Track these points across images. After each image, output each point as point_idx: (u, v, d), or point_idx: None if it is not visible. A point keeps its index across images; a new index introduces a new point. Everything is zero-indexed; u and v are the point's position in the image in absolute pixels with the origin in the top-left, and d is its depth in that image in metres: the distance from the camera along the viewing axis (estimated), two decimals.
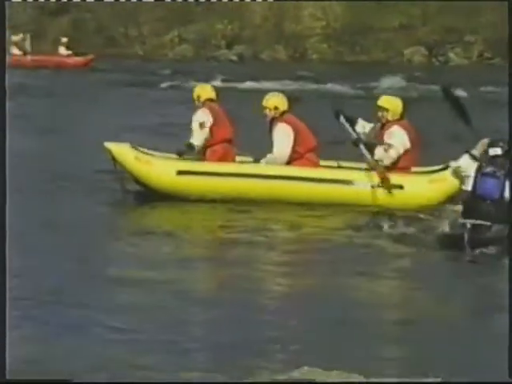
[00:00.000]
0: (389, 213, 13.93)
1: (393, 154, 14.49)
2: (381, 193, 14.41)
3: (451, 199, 14.01)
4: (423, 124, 20.95)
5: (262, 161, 15.47)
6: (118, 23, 53.69)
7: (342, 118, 15.03)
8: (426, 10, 48.41)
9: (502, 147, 12.21)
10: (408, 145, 14.60)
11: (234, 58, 51.27)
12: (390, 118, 14.65)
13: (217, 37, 53.15)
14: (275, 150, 15.16)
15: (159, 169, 15.46)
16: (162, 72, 42.05)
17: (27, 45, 46.79)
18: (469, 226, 11.60)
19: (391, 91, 26.97)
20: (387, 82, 36.44)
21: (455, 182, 14.03)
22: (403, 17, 48.87)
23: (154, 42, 51.82)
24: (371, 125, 15.12)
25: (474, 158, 12.51)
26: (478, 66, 45.17)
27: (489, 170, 12.11)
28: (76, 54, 46.50)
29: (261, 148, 16.82)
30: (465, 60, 47.26)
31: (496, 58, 45.24)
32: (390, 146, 14.51)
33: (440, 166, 14.64)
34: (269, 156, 15.21)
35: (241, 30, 53.12)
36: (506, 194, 11.81)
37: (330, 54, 49.16)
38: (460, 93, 27.11)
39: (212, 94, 15.90)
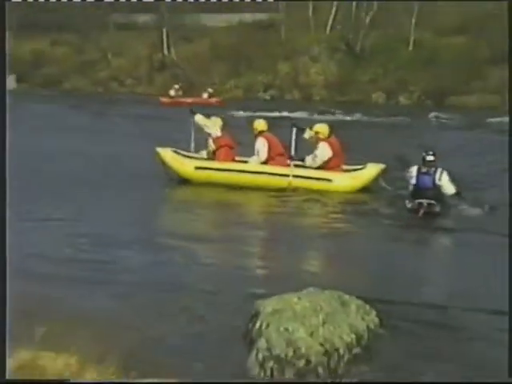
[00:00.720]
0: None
1: (318, 161, 17.39)
2: (318, 183, 17.16)
3: (365, 188, 17.26)
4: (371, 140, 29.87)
5: (249, 160, 18.30)
6: (199, 75, 65.46)
7: (293, 130, 17.71)
8: (386, 69, 58.58)
9: (433, 155, 15.27)
10: (330, 154, 17.29)
11: (268, 97, 60.78)
12: (321, 136, 17.39)
13: (257, 84, 62.87)
14: (257, 154, 18.08)
15: (184, 165, 18.56)
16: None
17: (180, 92, 54.89)
18: (417, 201, 15.00)
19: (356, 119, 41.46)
20: (357, 115, 42.56)
21: (368, 178, 17.40)
22: (372, 74, 59.48)
23: (220, 88, 61.16)
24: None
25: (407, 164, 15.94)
26: (417, 105, 53.69)
27: (425, 170, 15.22)
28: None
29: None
30: (409, 101, 56.49)
31: (427, 100, 54.36)
32: (315, 155, 17.45)
33: (360, 166, 17.55)
34: (253, 158, 18.21)
35: (272, 80, 63.00)
36: (436, 183, 15.08)
37: (327, 96, 59.18)
38: (405, 119, 40.22)
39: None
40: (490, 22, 55.90)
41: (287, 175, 17.13)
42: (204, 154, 18.61)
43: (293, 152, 17.37)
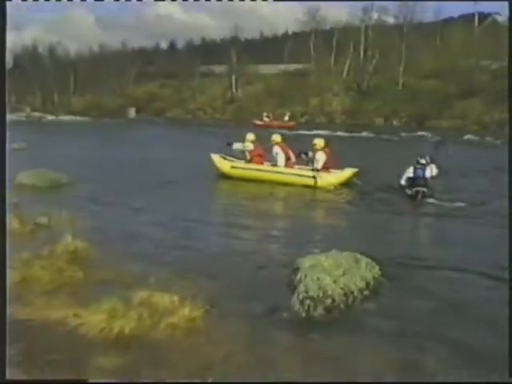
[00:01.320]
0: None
1: (320, 164, 16.65)
2: (311, 180, 16.43)
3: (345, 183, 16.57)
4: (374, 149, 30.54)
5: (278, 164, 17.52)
6: (256, 106, 64.99)
7: (304, 156, 17.23)
8: (384, 101, 58.40)
9: (425, 159, 15.05)
10: (325, 159, 16.69)
11: (303, 121, 59.25)
12: (318, 147, 16.76)
13: (296, 112, 60.60)
14: (278, 160, 17.49)
15: (224, 165, 17.93)
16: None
17: (269, 118, 52.46)
18: (415, 189, 14.67)
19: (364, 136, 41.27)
20: (364, 133, 42.12)
21: (345, 177, 16.66)
22: (374, 105, 59.36)
23: (273, 114, 56.85)
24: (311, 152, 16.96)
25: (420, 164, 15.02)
26: (405, 126, 52.43)
27: (419, 166, 14.93)
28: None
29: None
30: (399, 123, 55.94)
31: (412, 123, 53.13)
32: (317, 160, 16.72)
33: (342, 169, 16.79)
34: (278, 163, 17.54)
35: (306, 110, 63.32)
36: (426, 175, 14.75)
37: (344, 120, 58.81)
38: (394, 138, 39.45)
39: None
40: (456, 69, 56.74)
41: (291, 173, 16.84)
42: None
43: (293, 159, 17.38)
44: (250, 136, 18.13)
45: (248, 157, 17.93)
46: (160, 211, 12.79)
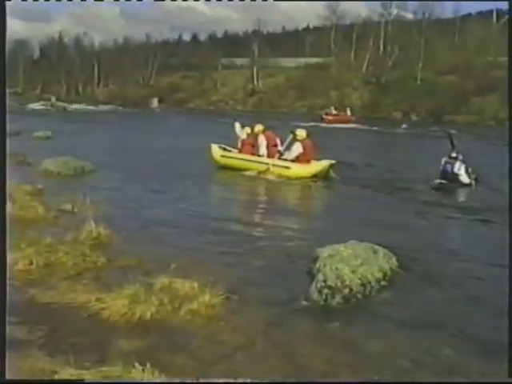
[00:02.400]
0: None
1: (292, 154, 16.55)
2: (283, 170, 16.36)
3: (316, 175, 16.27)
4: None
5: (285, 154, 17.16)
6: (277, 98, 67.38)
7: (291, 135, 16.99)
8: (402, 96, 58.69)
9: (456, 153, 15.18)
10: (301, 150, 16.41)
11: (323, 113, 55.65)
12: (299, 138, 16.49)
13: (316, 105, 61.97)
14: (259, 149, 17.40)
15: (216, 154, 18.11)
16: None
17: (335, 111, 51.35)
18: (441, 182, 15.02)
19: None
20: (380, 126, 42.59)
21: (318, 169, 16.38)
22: (393, 99, 59.87)
23: (291, 107, 63.01)
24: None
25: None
26: (422, 120, 52.46)
27: (449, 160, 15.18)
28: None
29: None
30: (417, 118, 55.92)
31: (430, 118, 53.23)
32: (291, 151, 16.63)
33: (320, 161, 16.57)
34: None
35: (326, 103, 60.04)
36: (455, 170, 15.01)
37: (363, 113, 56.74)
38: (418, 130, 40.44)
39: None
40: (473, 65, 56.96)
41: (267, 163, 16.60)
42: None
43: (284, 147, 17.00)
44: (246, 128, 18.05)
45: (239, 146, 17.97)
46: (183, 199, 12.89)
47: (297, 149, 16.47)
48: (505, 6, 67.20)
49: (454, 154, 15.19)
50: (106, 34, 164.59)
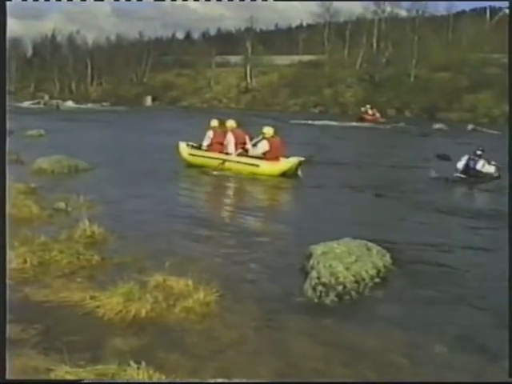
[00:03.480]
0: None
1: (257, 151, 16.47)
2: (251, 167, 16.19)
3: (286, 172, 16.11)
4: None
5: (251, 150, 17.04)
6: (270, 96, 67.54)
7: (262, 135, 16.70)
8: (396, 93, 58.15)
9: (481, 151, 15.69)
10: (267, 148, 16.32)
11: (317, 111, 59.35)
12: (266, 136, 16.35)
13: (310, 103, 62.69)
14: (228, 147, 17.15)
15: (184, 152, 17.82)
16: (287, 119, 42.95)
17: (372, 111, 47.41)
18: (462, 176, 15.44)
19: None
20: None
21: (286, 166, 16.25)
22: (387, 96, 58.58)
23: (284, 105, 62.72)
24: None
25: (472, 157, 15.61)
26: (416, 117, 51.81)
27: (472, 157, 15.60)
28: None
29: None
30: (411, 115, 55.00)
31: (423, 114, 52.59)
32: (257, 148, 16.58)
33: (288, 158, 16.44)
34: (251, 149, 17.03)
35: (320, 100, 62.41)
36: (478, 167, 15.51)
37: (357, 111, 52.38)
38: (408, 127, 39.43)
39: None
40: (466, 62, 56.72)
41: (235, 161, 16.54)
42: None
43: (252, 144, 16.84)
44: (214, 122, 17.90)
45: (208, 143, 17.64)
46: (174, 199, 13.01)
47: (262, 146, 16.43)
48: (498, 3, 67.30)
49: (479, 152, 15.62)
50: (99, 32, 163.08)
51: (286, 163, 16.27)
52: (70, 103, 65.27)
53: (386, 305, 6.52)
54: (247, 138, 17.21)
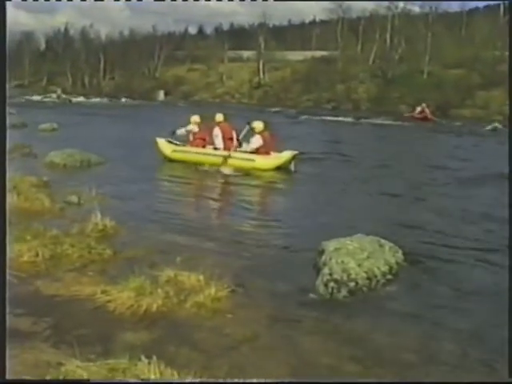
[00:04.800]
0: None
1: (251, 147, 16.32)
2: (247, 162, 16.01)
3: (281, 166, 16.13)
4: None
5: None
6: (283, 92, 67.62)
7: (247, 126, 16.81)
8: (408, 90, 56.93)
9: None
10: (260, 143, 16.24)
11: (330, 107, 58.66)
12: (256, 131, 16.28)
13: (322, 99, 62.24)
14: (215, 142, 16.95)
15: (166, 149, 17.28)
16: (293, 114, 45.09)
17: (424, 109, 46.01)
18: None
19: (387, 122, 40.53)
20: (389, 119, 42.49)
21: (281, 160, 16.24)
22: (399, 93, 58.20)
23: (297, 100, 62.67)
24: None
25: None
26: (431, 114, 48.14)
27: None
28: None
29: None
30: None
31: (436, 111, 48.75)
32: (250, 143, 16.41)
33: (282, 152, 16.45)
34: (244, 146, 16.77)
35: (333, 96, 61.97)
36: None
37: (369, 107, 56.98)
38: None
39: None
40: (480, 59, 56.59)
41: (227, 156, 16.20)
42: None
43: (241, 138, 16.68)
44: (195, 118, 17.55)
45: (191, 139, 17.41)
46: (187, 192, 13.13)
47: (257, 141, 16.32)
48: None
49: None
50: (112, 26, 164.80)
51: (280, 157, 16.29)
52: (82, 97, 65.40)
53: (397, 301, 6.48)
54: (234, 133, 17.00)
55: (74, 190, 10.88)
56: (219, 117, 17.10)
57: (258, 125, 16.45)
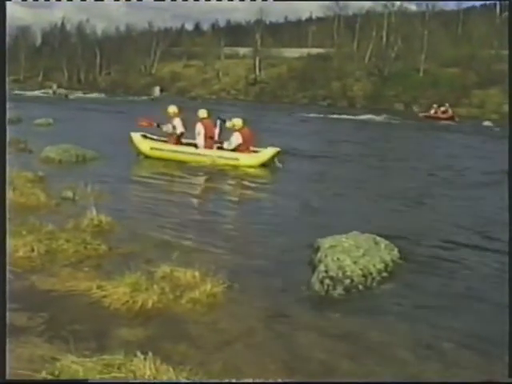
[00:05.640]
0: None
1: (231, 145, 16.11)
2: (232, 161, 15.80)
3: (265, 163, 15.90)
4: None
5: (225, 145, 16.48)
6: (279, 89, 67.32)
7: (218, 121, 16.54)
8: (404, 88, 58.66)
9: None
10: (240, 141, 16.03)
11: (325, 104, 59.86)
12: (236, 128, 16.06)
13: (318, 96, 63.21)
14: (197, 139, 16.57)
15: (144, 145, 16.66)
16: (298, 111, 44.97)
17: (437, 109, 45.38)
18: None
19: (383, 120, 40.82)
20: (385, 117, 42.30)
21: (266, 157, 16.02)
22: (395, 91, 59.52)
23: (293, 97, 62.80)
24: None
25: None
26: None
27: None
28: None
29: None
30: (419, 109, 52.53)
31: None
32: (230, 141, 16.14)
33: (262, 149, 16.22)
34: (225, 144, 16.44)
35: (328, 93, 63.07)
36: None
37: (365, 104, 57.49)
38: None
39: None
40: (476, 58, 56.61)
41: (211, 155, 15.99)
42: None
43: (216, 137, 16.39)
44: (173, 108, 17.13)
45: (174, 135, 16.85)
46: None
47: (236, 139, 16.16)
48: None
49: None
50: (109, 22, 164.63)
51: (264, 154, 16.12)
52: (78, 93, 65.36)
53: (393, 299, 6.48)
54: (216, 131, 16.67)
55: (69, 186, 10.85)
56: (203, 113, 16.73)
57: (238, 122, 16.31)
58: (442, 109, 45.24)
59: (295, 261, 7.55)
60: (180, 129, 16.76)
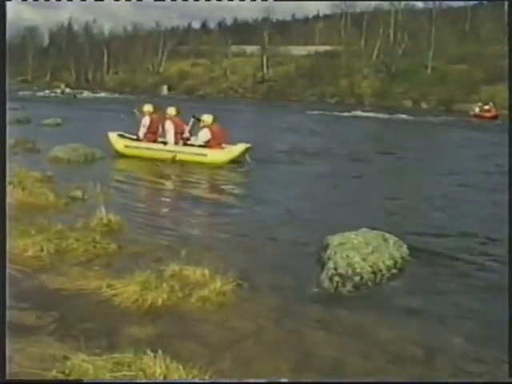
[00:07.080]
0: None
1: (199, 141, 16.11)
2: (199, 157, 15.77)
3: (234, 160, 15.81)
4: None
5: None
6: (287, 87, 65.83)
7: (192, 119, 16.53)
8: (412, 84, 59.10)
9: None
10: (209, 137, 15.97)
11: (333, 102, 60.89)
12: (205, 124, 16.00)
13: (326, 93, 64.48)
14: (167, 136, 16.63)
15: (119, 144, 16.71)
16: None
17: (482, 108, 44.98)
18: None
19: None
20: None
21: (235, 153, 15.99)
22: (403, 87, 60.13)
23: (301, 95, 62.85)
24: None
25: None
26: (433, 109, 52.74)
27: None
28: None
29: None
30: (428, 106, 56.12)
31: (440, 106, 53.41)
32: (197, 137, 16.17)
33: (235, 145, 16.18)
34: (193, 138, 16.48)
35: (336, 91, 64.18)
36: None
37: (373, 102, 57.85)
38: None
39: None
40: (483, 54, 56.38)
41: (175, 151, 15.99)
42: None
43: (187, 134, 16.38)
44: (148, 107, 17.27)
45: (145, 132, 16.97)
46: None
47: (204, 135, 16.11)
48: None
49: None
50: (116, 21, 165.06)
51: (233, 151, 16.07)
52: (86, 92, 65.47)
53: (403, 295, 6.46)
54: (186, 128, 16.70)
55: (78, 185, 10.89)
56: (171, 110, 16.76)
57: (207, 118, 16.23)
58: (486, 107, 44.77)
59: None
60: (145, 128, 16.82)
